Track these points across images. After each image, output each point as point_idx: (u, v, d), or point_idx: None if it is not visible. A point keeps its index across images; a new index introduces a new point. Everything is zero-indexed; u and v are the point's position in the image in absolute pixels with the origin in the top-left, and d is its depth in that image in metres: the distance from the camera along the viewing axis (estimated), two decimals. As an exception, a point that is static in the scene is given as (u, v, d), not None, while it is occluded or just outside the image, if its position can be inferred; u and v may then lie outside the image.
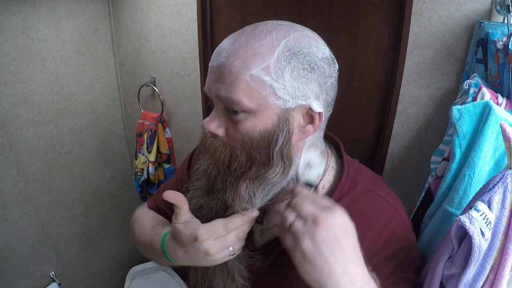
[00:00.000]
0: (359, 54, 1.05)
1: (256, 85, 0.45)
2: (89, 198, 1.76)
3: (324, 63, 0.47)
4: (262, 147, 0.47)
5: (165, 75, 1.51)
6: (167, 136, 1.61)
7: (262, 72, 0.44)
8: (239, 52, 0.45)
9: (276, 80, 0.45)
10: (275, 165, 0.48)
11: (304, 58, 0.45)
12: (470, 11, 0.82)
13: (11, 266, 1.51)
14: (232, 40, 0.47)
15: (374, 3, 0.98)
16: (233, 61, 0.45)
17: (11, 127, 1.39)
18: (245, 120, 0.47)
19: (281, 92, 0.45)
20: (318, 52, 0.47)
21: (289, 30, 0.47)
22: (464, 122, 0.61)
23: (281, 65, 0.44)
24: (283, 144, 0.47)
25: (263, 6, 1.17)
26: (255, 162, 0.48)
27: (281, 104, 0.46)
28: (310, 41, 0.47)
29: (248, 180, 0.49)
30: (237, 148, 0.48)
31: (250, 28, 0.47)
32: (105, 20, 1.59)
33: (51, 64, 1.45)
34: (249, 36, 0.46)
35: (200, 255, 0.49)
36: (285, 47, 0.45)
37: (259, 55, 0.44)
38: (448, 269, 0.50)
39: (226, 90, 0.46)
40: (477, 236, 0.43)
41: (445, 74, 0.90)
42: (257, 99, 0.45)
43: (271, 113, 0.46)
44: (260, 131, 0.47)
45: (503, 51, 0.69)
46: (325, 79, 0.48)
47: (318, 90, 0.47)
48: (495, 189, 0.45)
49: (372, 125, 1.09)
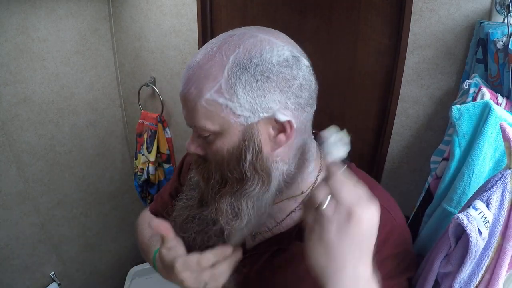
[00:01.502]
0: (359, 54, 1.05)
1: (214, 108, 0.45)
2: (89, 198, 1.76)
3: (282, 67, 0.44)
4: (232, 165, 0.48)
5: (165, 75, 1.51)
6: (167, 136, 1.61)
7: (215, 94, 0.44)
8: (193, 78, 0.45)
9: (231, 100, 0.44)
10: (250, 179, 0.48)
11: (255, 70, 0.43)
12: (470, 11, 0.82)
13: (11, 266, 1.51)
14: (189, 65, 0.47)
15: (374, 3, 0.98)
16: (188, 88, 0.46)
17: (11, 127, 1.39)
18: (215, 141, 0.47)
19: (239, 110, 0.44)
20: (273, 57, 0.44)
21: (239, 41, 0.45)
22: (463, 122, 0.61)
23: (231, 83, 0.43)
24: (252, 159, 0.47)
25: (263, 6, 1.17)
26: (229, 179, 0.49)
27: (242, 121, 0.45)
28: (263, 47, 0.44)
29: (228, 196, 0.50)
30: (212, 167, 0.50)
31: (205, 46, 0.47)
32: (105, 20, 1.59)
33: (51, 64, 1.45)
34: (201, 58, 0.45)
35: (178, 282, 0.52)
36: (234, 62, 0.43)
37: (209, 77, 0.44)
38: (444, 267, 0.50)
39: (190, 118, 0.47)
40: (474, 234, 0.44)
41: (445, 74, 0.90)
42: (218, 121, 0.45)
43: (235, 131, 0.46)
44: (228, 149, 0.47)
45: (503, 51, 0.69)
46: (288, 83, 0.45)
47: (281, 97, 0.45)
48: (494, 188, 0.45)
49: (372, 125, 1.09)
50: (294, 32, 0.51)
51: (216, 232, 0.54)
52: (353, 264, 0.38)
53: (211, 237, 0.55)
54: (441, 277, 0.52)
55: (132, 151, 1.85)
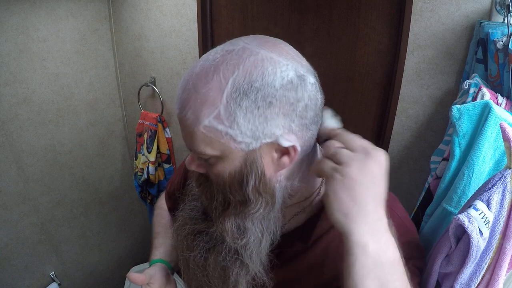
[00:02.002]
0: (359, 54, 1.05)
1: (213, 135, 0.42)
2: (89, 198, 1.76)
3: (286, 90, 0.41)
4: (234, 188, 0.47)
5: (165, 75, 1.51)
6: (167, 136, 1.61)
7: (214, 121, 0.41)
8: (189, 103, 0.42)
9: (231, 127, 0.41)
10: (253, 202, 0.47)
11: (256, 95, 0.40)
12: (470, 11, 0.82)
13: (11, 266, 1.52)
14: (183, 86, 0.44)
15: (374, 3, 0.98)
16: (185, 113, 0.43)
17: (11, 127, 1.39)
18: (216, 164, 0.46)
19: (240, 137, 0.42)
20: (276, 80, 0.41)
21: (239, 60, 0.41)
22: (463, 122, 0.61)
23: (231, 110, 0.40)
24: (255, 183, 0.45)
25: (263, 6, 1.17)
26: (232, 201, 0.48)
27: (244, 147, 0.43)
28: (265, 68, 0.41)
29: (233, 216, 0.49)
30: (214, 188, 0.49)
31: (201, 63, 0.44)
32: (105, 20, 1.59)
33: (51, 64, 1.45)
34: (197, 79, 0.42)
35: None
36: (233, 87, 0.40)
37: (207, 103, 0.41)
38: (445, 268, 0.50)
39: (189, 143, 0.45)
40: (475, 235, 0.44)
41: (445, 74, 0.90)
42: (219, 147, 0.43)
43: (236, 156, 0.44)
44: (230, 173, 0.46)
45: (503, 51, 0.69)
46: (292, 106, 0.42)
47: (285, 121, 0.42)
48: (494, 188, 0.45)
49: (372, 125, 1.10)
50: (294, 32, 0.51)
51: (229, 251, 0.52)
52: (374, 203, 0.40)
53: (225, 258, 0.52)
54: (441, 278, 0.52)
55: (132, 151, 1.85)
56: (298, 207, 0.55)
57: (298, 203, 0.55)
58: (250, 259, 0.51)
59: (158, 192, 1.68)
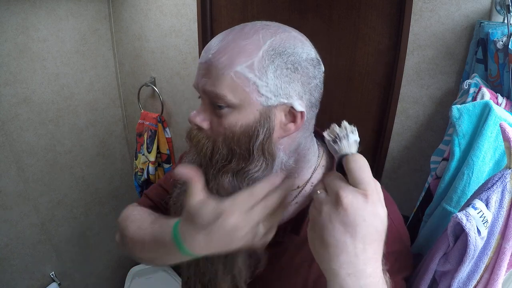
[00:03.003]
0: (359, 54, 1.05)
1: (240, 82, 0.46)
2: (89, 198, 1.76)
3: (309, 64, 0.48)
4: (243, 141, 0.49)
5: (165, 75, 1.51)
6: (167, 136, 1.61)
7: (246, 69, 0.46)
8: (226, 49, 0.47)
9: (260, 78, 0.46)
10: (255, 159, 0.49)
11: (288, 58, 0.47)
12: (470, 11, 0.82)
13: (11, 266, 1.51)
14: (221, 37, 0.49)
15: (374, 3, 0.98)
16: (219, 57, 0.47)
17: (11, 127, 1.39)
18: (229, 115, 0.48)
19: (264, 90, 0.46)
20: (303, 53, 0.48)
21: (276, 31, 0.48)
22: (463, 122, 0.61)
23: (265, 63, 0.46)
24: (263, 139, 0.48)
25: (263, 6, 1.17)
26: (235, 155, 0.49)
27: (263, 101, 0.47)
28: (296, 42, 0.48)
29: (231, 173, 0.50)
30: (219, 141, 0.50)
31: (239, 27, 0.49)
32: (105, 20, 1.59)
33: (51, 64, 1.45)
34: (237, 35, 0.48)
35: (225, 235, 0.43)
36: (270, 46, 0.46)
37: (244, 53, 0.46)
38: (443, 265, 0.50)
39: (212, 85, 0.47)
40: (473, 233, 0.44)
41: (445, 74, 0.90)
42: (241, 95, 0.47)
43: (253, 109, 0.47)
44: (242, 125, 0.48)
45: (503, 51, 0.69)
46: (309, 79, 0.49)
47: (301, 90, 0.48)
48: (494, 188, 0.45)
49: (372, 125, 1.10)
50: (294, 32, 0.52)
51: None
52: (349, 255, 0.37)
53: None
54: (439, 276, 0.52)
55: (132, 151, 1.85)
56: (289, 196, 0.56)
57: (290, 192, 0.56)
58: None
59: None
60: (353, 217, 0.37)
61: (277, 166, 0.51)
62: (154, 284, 1.74)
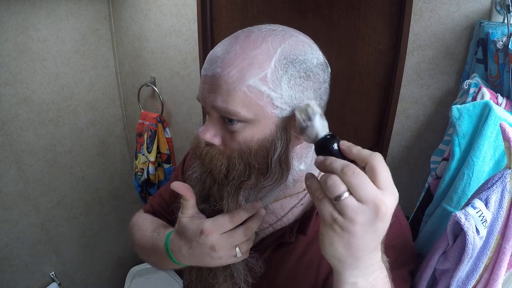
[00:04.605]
0: (359, 54, 1.05)
1: (254, 96, 0.44)
2: (89, 198, 1.76)
3: (319, 69, 0.47)
4: (260, 156, 0.47)
5: (165, 75, 1.51)
6: (167, 136, 1.61)
7: (259, 82, 0.43)
8: (235, 62, 0.44)
9: (274, 90, 0.44)
10: (273, 173, 0.47)
11: (300, 66, 0.45)
12: (470, 11, 0.82)
13: (11, 266, 1.51)
14: (226, 48, 0.45)
15: (374, 3, 0.98)
16: (229, 71, 0.44)
17: (11, 127, 1.39)
18: (243, 130, 0.46)
19: (278, 102, 0.44)
20: (313, 58, 0.46)
21: (284, 36, 0.46)
22: (463, 122, 0.61)
23: (278, 74, 0.44)
24: (281, 152, 0.46)
25: (263, 6, 1.17)
26: (253, 171, 0.47)
27: (278, 113, 0.45)
28: (305, 48, 0.46)
29: (248, 189, 0.48)
30: (235, 157, 0.47)
31: (244, 34, 0.46)
32: (105, 20, 1.59)
33: (51, 64, 1.45)
34: (244, 44, 0.44)
35: (205, 251, 0.48)
36: (282, 55, 0.44)
37: (255, 65, 0.43)
38: (442, 264, 0.50)
39: (223, 101, 0.44)
40: (471, 233, 0.44)
41: (445, 74, 0.90)
42: (255, 109, 0.44)
43: (268, 122, 0.45)
44: (258, 140, 0.46)
45: (503, 51, 0.69)
46: (320, 85, 0.47)
47: (313, 97, 0.47)
48: (494, 188, 0.45)
49: (372, 125, 1.10)
50: (294, 32, 0.52)
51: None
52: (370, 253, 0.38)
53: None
54: (439, 274, 0.52)
55: (132, 151, 1.85)
56: (296, 198, 0.56)
57: (296, 194, 0.56)
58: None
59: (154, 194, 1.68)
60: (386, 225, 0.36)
61: (291, 174, 0.50)
62: (154, 284, 1.74)
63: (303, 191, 0.56)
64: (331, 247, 0.37)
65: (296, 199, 0.56)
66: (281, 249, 0.56)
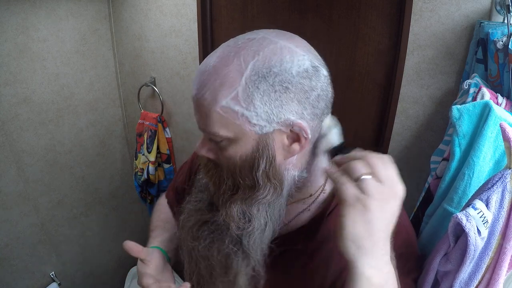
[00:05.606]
0: (359, 54, 1.05)
1: (229, 116, 0.44)
2: (89, 198, 1.76)
3: (301, 78, 0.43)
4: (245, 172, 0.47)
5: (165, 75, 1.51)
6: (167, 136, 1.61)
7: (231, 102, 0.43)
8: (208, 83, 0.44)
9: (247, 109, 0.43)
10: (262, 187, 0.48)
11: (274, 80, 0.42)
12: (470, 11, 0.82)
13: (11, 266, 1.52)
14: (205, 65, 0.45)
15: (374, 3, 0.98)
16: (203, 94, 0.44)
17: (11, 127, 1.39)
18: (228, 147, 0.47)
19: (255, 119, 0.44)
20: (293, 67, 0.43)
21: (259, 47, 0.43)
22: (463, 122, 0.61)
23: (249, 91, 0.42)
24: (265, 167, 0.47)
25: (263, 6, 1.17)
26: (241, 185, 0.49)
27: (257, 130, 0.44)
28: (283, 56, 0.43)
29: (239, 202, 0.49)
30: (224, 172, 0.49)
31: (222, 48, 0.46)
32: (105, 20, 1.59)
33: (51, 64, 1.45)
34: (218, 62, 0.44)
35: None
36: (253, 70, 0.42)
37: (226, 84, 0.43)
38: (444, 266, 0.50)
39: (203, 123, 0.46)
40: (473, 234, 0.44)
41: (445, 74, 0.90)
42: (233, 128, 0.44)
43: (249, 139, 0.45)
44: (241, 156, 0.47)
45: (503, 51, 0.69)
46: (306, 94, 0.44)
47: (299, 108, 0.44)
48: (494, 188, 0.45)
49: (372, 125, 1.09)
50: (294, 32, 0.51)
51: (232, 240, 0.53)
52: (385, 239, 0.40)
53: (227, 246, 0.53)
54: (441, 276, 0.52)
55: (132, 151, 1.85)
56: (302, 204, 0.56)
57: (303, 200, 0.56)
58: (252, 248, 0.51)
59: (158, 192, 1.68)
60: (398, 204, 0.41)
61: (288, 185, 0.50)
62: (154, 284, 1.74)
63: (309, 196, 0.56)
64: (353, 226, 0.39)
65: (303, 204, 0.56)
66: (287, 254, 0.55)
